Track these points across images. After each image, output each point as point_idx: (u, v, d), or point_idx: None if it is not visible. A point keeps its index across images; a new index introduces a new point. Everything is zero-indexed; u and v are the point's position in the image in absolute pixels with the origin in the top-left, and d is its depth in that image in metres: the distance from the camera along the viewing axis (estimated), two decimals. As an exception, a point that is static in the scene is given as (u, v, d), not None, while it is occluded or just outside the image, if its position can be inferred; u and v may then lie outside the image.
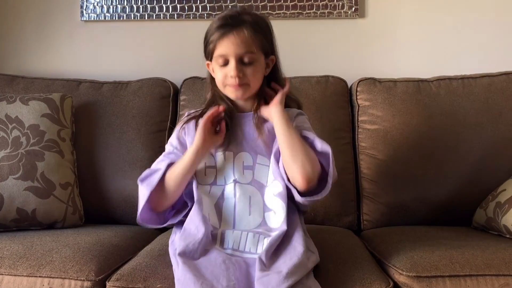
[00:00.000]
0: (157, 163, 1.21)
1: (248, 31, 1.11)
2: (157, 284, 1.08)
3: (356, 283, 1.08)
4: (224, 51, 1.12)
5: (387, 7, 1.94)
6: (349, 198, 1.66)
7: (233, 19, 1.12)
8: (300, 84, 1.73)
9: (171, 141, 1.24)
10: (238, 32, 1.11)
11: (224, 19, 1.13)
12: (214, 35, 1.12)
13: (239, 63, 1.12)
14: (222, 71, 1.14)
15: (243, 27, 1.11)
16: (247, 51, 1.12)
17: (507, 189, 1.41)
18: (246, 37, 1.11)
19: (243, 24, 1.12)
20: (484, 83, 1.70)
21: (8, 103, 1.55)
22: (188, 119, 1.23)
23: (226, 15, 1.15)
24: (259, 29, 1.14)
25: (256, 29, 1.13)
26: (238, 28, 1.11)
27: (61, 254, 1.18)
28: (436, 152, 1.62)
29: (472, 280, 1.10)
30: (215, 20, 1.15)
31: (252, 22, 1.13)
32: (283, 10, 1.93)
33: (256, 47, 1.13)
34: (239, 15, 1.14)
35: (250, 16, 1.15)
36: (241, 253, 1.04)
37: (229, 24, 1.12)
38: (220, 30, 1.11)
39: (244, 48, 1.11)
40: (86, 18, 1.99)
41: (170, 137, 1.27)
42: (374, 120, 1.69)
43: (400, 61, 1.93)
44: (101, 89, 1.78)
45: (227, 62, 1.13)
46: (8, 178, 1.43)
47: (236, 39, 1.10)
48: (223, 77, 1.15)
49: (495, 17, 1.91)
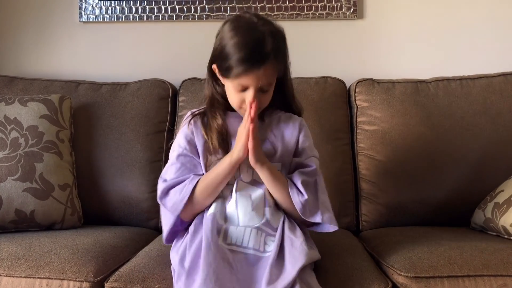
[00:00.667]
0: (171, 167, 1.17)
1: (272, 63, 1.09)
2: (155, 285, 1.08)
3: (355, 284, 1.08)
4: (245, 83, 1.09)
5: (386, 9, 1.94)
6: (347, 199, 1.66)
7: (258, 53, 1.07)
8: (299, 85, 1.73)
9: (178, 142, 1.19)
10: (263, 68, 1.08)
11: (249, 52, 1.07)
12: (236, 67, 1.07)
13: (257, 92, 1.11)
14: (239, 95, 1.12)
15: (268, 62, 1.08)
16: (268, 83, 1.12)
17: (505, 190, 1.41)
18: (269, 70, 1.09)
19: (268, 58, 1.08)
20: (482, 84, 1.70)
21: (6, 104, 1.55)
22: (193, 117, 1.21)
23: (249, 44, 1.07)
24: (280, 56, 1.12)
25: (278, 58, 1.11)
26: (263, 65, 1.07)
27: (60, 255, 1.18)
28: (434, 153, 1.62)
29: (470, 281, 1.10)
30: (237, 43, 1.07)
31: (275, 49, 1.09)
32: (281, 11, 1.93)
33: (275, 75, 1.13)
34: (263, 44, 1.07)
35: (272, 39, 1.09)
36: (244, 249, 1.05)
37: (254, 60, 1.07)
38: (244, 66, 1.07)
39: (266, 80, 1.10)
40: (85, 19, 1.99)
41: (176, 137, 1.22)
42: (373, 121, 1.69)
43: (398, 62, 1.93)
44: (100, 90, 1.78)
45: (245, 89, 1.11)
46: (7, 179, 1.43)
47: (260, 75, 1.08)
48: (240, 101, 1.13)
49: (493, 18, 1.91)
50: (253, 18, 1.12)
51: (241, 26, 1.10)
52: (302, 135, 1.20)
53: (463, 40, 1.92)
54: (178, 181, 1.14)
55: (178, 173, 1.15)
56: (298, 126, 1.21)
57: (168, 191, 1.14)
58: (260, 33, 1.09)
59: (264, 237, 1.07)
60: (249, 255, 1.04)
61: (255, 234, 1.07)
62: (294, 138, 1.19)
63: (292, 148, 1.19)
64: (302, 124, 1.23)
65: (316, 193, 1.15)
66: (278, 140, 1.19)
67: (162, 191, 1.14)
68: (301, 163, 1.18)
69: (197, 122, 1.19)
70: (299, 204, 1.09)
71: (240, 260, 1.02)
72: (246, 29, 1.09)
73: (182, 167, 1.16)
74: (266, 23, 1.11)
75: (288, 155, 1.18)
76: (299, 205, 1.09)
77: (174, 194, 1.13)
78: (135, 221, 1.63)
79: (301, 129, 1.21)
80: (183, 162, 1.16)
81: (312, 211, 1.11)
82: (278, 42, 1.11)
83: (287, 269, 1.00)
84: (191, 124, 1.19)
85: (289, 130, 1.20)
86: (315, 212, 1.11)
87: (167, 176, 1.16)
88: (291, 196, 1.10)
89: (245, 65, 1.06)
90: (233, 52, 1.07)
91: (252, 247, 1.05)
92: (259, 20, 1.12)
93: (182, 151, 1.17)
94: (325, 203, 1.15)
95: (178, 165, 1.16)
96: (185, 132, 1.19)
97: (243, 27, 1.10)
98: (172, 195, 1.13)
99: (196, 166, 1.16)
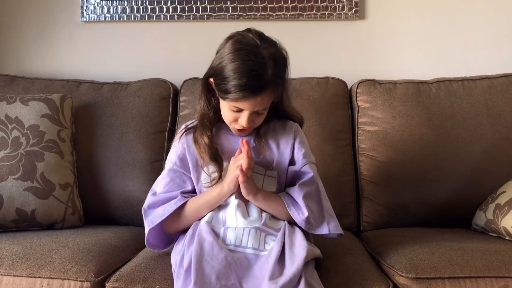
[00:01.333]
0: (161, 181, 1.20)
1: (270, 91, 1.08)
2: (156, 285, 1.08)
3: (355, 285, 1.08)
4: (241, 107, 1.10)
5: (387, 9, 1.94)
6: (348, 199, 1.66)
7: (257, 83, 1.05)
8: (300, 86, 1.73)
9: (170, 157, 1.23)
10: (260, 97, 1.07)
11: (247, 80, 1.04)
12: (234, 92, 1.06)
13: (252, 114, 1.11)
14: (233, 114, 1.12)
15: (266, 90, 1.07)
16: (264, 108, 1.12)
17: (507, 191, 1.41)
18: (267, 97, 1.09)
19: (267, 87, 1.07)
20: (484, 85, 1.70)
21: (8, 103, 1.55)
22: (186, 130, 1.22)
23: (249, 72, 1.05)
24: (279, 81, 1.10)
25: (277, 85, 1.09)
26: (261, 93, 1.07)
27: (61, 254, 1.18)
28: (435, 154, 1.62)
29: (471, 282, 1.10)
30: (236, 69, 1.05)
31: (274, 76, 1.07)
32: (283, 12, 1.93)
33: (272, 99, 1.13)
34: (263, 73, 1.05)
35: (273, 66, 1.07)
36: (243, 249, 1.05)
37: (252, 88, 1.05)
38: (242, 93, 1.05)
39: (262, 106, 1.10)
40: (86, 19, 1.99)
41: (170, 150, 1.25)
42: (374, 121, 1.69)
43: (400, 63, 1.93)
44: (101, 89, 1.78)
45: (240, 110, 1.11)
46: (8, 179, 1.43)
47: (256, 102, 1.08)
48: (233, 120, 1.14)
49: (495, 19, 1.91)
50: (256, 40, 1.09)
51: (243, 49, 1.07)
52: (297, 142, 1.21)
53: (465, 41, 1.92)
54: (166, 198, 1.18)
55: (167, 187, 1.19)
56: (293, 134, 1.22)
57: (155, 208, 1.18)
58: (261, 60, 1.06)
59: (264, 236, 1.08)
60: (248, 254, 1.04)
61: (254, 234, 1.07)
62: (289, 146, 1.20)
63: (288, 157, 1.20)
64: (297, 131, 1.23)
65: (320, 201, 1.16)
66: (274, 151, 1.19)
67: (149, 205, 1.18)
68: (298, 172, 1.18)
69: (189, 136, 1.21)
70: (302, 223, 1.11)
71: (239, 259, 1.02)
72: (247, 53, 1.06)
73: (171, 182, 1.20)
74: (270, 46, 1.09)
75: (284, 163, 1.19)
76: (303, 224, 1.11)
77: (157, 211, 1.17)
78: (136, 221, 1.62)
79: (296, 136, 1.22)
80: (173, 177, 1.20)
81: (318, 222, 1.13)
82: (279, 68, 1.09)
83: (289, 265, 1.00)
84: (183, 138, 1.21)
85: (284, 138, 1.21)
86: (321, 223, 1.13)
87: (157, 188, 1.20)
88: (292, 216, 1.11)
89: (243, 93, 1.06)
90: (232, 77, 1.06)
91: (251, 247, 1.05)
92: (262, 42, 1.09)
93: (172, 166, 1.21)
94: (329, 210, 1.16)
95: (168, 180, 1.20)
96: (176, 147, 1.22)
97: (245, 50, 1.07)
98: (155, 212, 1.17)
99: (185, 181, 1.20)
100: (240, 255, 1.03)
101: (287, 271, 0.97)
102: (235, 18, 1.93)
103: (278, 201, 1.13)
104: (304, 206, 1.10)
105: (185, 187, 1.19)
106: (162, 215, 1.14)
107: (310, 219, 1.11)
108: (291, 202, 1.13)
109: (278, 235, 1.08)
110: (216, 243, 1.03)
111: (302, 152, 1.20)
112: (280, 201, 1.13)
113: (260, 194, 1.12)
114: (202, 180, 1.18)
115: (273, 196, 1.15)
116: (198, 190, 1.19)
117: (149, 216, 1.17)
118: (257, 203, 1.13)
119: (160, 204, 1.17)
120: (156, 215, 1.16)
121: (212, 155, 1.15)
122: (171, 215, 1.14)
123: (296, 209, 1.11)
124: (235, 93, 1.06)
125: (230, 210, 1.13)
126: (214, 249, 1.01)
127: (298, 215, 1.10)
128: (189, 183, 1.20)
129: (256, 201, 1.12)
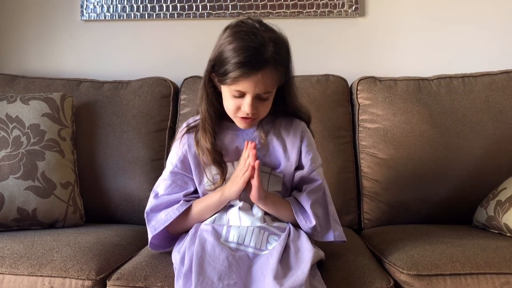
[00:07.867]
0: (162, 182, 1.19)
1: (271, 70, 1.05)
2: (158, 283, 1.08)
3: (357, 282, 1.08)
4: (242, 89, 1.06)
5: (388, 6, 1.94)
6: (349, 197, 1.66)
7: (257, 59, 1.03)
8: (301, 83, 1.72)
9: (171, 159, 1.20)
10: (261, 74, 1.04)
11: (247, 55, 1.02)
12: (234, 71, 1.03)
13: (255, 99, 1.07)
14: (235, 101, 1.09)
15: (267, 68, 1.04)
16: (266, 91, 1.07)
17: (508, 188, 1.41)
18: (268, 77, 1.05)
19: (267, 64, 1.04)
20: (484, 82, 1.70)
21: (8, 102, 1.55)
22: (188, 130, 1.20)
23: (249, 48, 1.03)
24: (281, 64, 1.07)
25: (278, 66, 1.06)
26: (261, 70, 1.03)
27: (62, 253, 1.18)
28: (436, 151, 1.62)
29: (472, 279, 1.10)
30: (235, 48, 1.04)
31: (275, 56, 1.05)
32: (283, 9, 1.93)
33: (275, 84, 1.09)
34: (263, 49, 1.04)
35: (273, 46, 1.05)
36: (245, 247, 1.05)
37: (252, 64, 1.03)
38: (242, 69, 1.03)
39: (264, 88, 1.06)
40: (86, 18, 1.99)
41: (171, 150, 1.22)
42: (375, 119, 1.69)
43: (400, 60, 1.93)
44: (101, 88, 1.78)
45: (243, 95, 1.08)
46: (9, 178, 1.43)
47: (257, 80, 1.04)
48: (236, 108, 1.10)
49: (496, 15, 1.91)
50: (255, 24, 1.08)
51: (242, 31, 1.06)
52: (304, 145, 1.18)
53: (465, 37, 1.92)
54: (168, 201, 1.17)
55: (169, 190, 1.18)
56: (300, 135, 1.19)
57: (157, 212, 1.17)
58: (261, 38, 1.05)
59: (267, 235, 1.08)
60: (249, 253, 1.04)
61: (257, 233, 1.07)
62: (296, 148, 1.17)
63: (294, 161, 1.17)
64: (304, 131, 1.20)
65: (326, 207, 1.16)
66: (280, 151, 1.17)
67: (151, 208, 1.18)
68: (306, 178, 1.17)
69: (190, 136, 1.19)
70: (309, 230, 1.11)
71: (241, 258, 1.02)
72: (246, 33, 1.05)
73: (172, 184, 1.19)
74: (269, 30, 1.08)
75: (290, 167, 1.17)
76: (309, 231, 1.11)
77: (160, 216, 1.16)
78: (137, 219, 1.63)
79: (303, 138, 1.19)
80: (174, 179, 1.19)
81: (324, 230, 1.13)
82: (280, 49, 1.07)
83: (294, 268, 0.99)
84: (185, 138, 1.19)
85: (290, 139, 1.18)
86: (327, 230, 1.13)
87: (158, 189, 1.20)
88: (299, 223, 1.12)
89: (242, 69, 1.03)
90: (231, 56, 1.04)
91: (253, 246, 1.05)
92: (262, 26, 1.08)
93: (173, 168, 1.19)
94: (334, 215, 1.16)
95: (169, 182, 1.19)
96: (177, 148, 1.20)
97: (244, 31, 1.06)
98: (158, 217, 1.17)
99: (187, 182, 1.19)
100: (241, 253, 1.03)
101: (293, 274, 0.97)
102: (235, 16, 1.93)
103: (287, 207, 1.13)
104: (312, 215, 1.10)
105: (187, 188, 1.18)
106: (165, 222, 1.14)
107: (317, 227, 1.11)
108: (299, 209, 1.12)
109: (281, 235, 1.07)
110: (217, 243, 1.02)
111: (310, 157, 1.17)
112: (288, 206, 1.13)
113: (269, 200, 1.11)
114: (204, 183, 1.17)
115: (282, 201, 1.14)
116: (200, 192, 1.18)
117: (152, 222, 1.16)
118: (265, 208, 1.12)
119: (163, 207, 1.17)
120: (159, 220, 1.15)
121: (215, 160, 1.14)
122: (174, 220, 1.14)
123: (304, 217, 1.11)
124: (235, 71, 1.03)
125: (233, 211, 1.13)
126: (215, 250, 1.01)
127: (305, 223, 1.11)
128: (191, 184, 1.19)
129: (265, 206, 1.12)
